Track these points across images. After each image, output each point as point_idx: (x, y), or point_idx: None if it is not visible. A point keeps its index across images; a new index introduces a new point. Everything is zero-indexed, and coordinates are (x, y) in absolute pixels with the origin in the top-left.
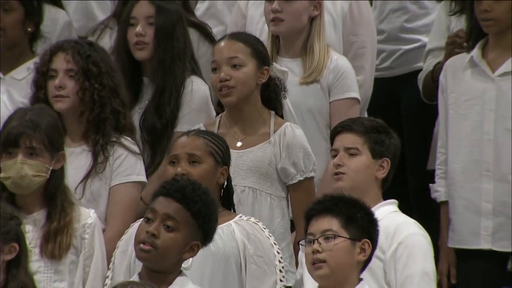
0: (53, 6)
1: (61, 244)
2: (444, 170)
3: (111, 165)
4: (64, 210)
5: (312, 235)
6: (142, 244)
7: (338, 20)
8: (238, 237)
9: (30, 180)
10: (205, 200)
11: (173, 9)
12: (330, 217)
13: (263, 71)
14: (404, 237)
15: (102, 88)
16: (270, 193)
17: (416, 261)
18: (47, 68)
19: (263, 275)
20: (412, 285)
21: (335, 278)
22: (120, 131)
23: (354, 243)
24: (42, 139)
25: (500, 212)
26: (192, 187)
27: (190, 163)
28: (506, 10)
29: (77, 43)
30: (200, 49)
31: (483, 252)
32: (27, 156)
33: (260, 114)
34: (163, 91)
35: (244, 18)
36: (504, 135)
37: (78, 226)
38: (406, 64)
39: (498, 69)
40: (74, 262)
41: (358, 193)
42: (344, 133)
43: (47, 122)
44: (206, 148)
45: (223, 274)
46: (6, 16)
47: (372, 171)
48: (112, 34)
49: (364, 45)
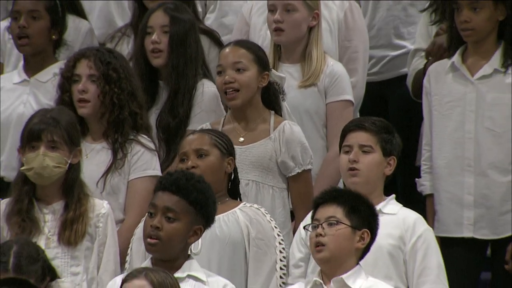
0: (77, 17)
1: (77, 232)
2: (429, 166)
3: (129, 161)
4: (80, 201)
5: (317, 220)
6: (149, 238)
7: (334, 27)
8: (242, 222)
9: (51, 170)
10: (199, 187)
11: (186, 18)
12: (335, 206)
13: (263, 75)
14: (422, 232)
15: (121, 92)
16: (272, 185)
17: (433, 254)
18: (71, 73)
19: (264, 256)
20: (431, 275)
21: (334, 261)
22: (137, 130)
23: (354, 231)
24: (62, 134)
25: (481, 203)
26: (185, 178)
27: (198, 156)
28: (484, 21)
29: (98, 50)
30: (210, 54)
31: (466, 240)
32: (49, 149)
33: (260, 114)
34: (177, 93)
35: (248, 25)
36: (483, 133)
37: (92, 215)
38: (393, 69)
39: (477, 73)
40: (89, 248)
41: (369, 187)
42: (358, 131)
43: (66, 120)
44: (211, 141)
45: (229, 258)
46: (34, 24)
47: (382, 168)
48: (130, 41)
49: (357, 50)
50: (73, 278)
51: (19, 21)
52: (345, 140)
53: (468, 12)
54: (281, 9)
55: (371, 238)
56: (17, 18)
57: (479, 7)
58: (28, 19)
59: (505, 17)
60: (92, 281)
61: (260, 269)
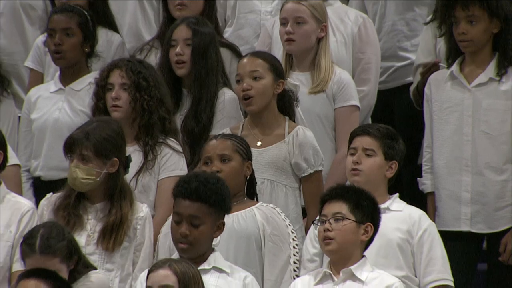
0: (109, 30)
1: (115, 241)
2: (430, 166)
3: (159, 162)
4: (121, 208)
5: (325, 216)
6: (180, 243)
7: (348, 40)
8: (259, 220)
9: (80, 182)
10: (216, 189)
11: (207, 32)
12: (341, 202)
13: (278, 83)
14: (427, 226)
15: (150, 99)
16: (285, 184)
17: (438, 247)
18: (105, 82)
19: (279, 251)
20: (436, 265)
21: (341, 253)
22: (166, 134)
23: (359, 225)
24: (91, 148)
25: (477, 200)
26: (203, 185)
27: (222, 161)
28: (480, 33)
29: (129, 61)
30: (232, 66)
31: (463, 234)
32: (80, 161)
33: (276, 119)
34: (200, 100)
35: (270, 38)
36: (479, 136)
37: (132, 218)
38: (398, 78)
39: (474, 81)
40: (126, 247)
41: (369, 187)
42: (363, 136)
43: (99, 134)
44: (233, 147)
45: (245, 250)
46: (68, 40)
47: (383, 171)
48: (157, 52)
49: (369, 61)
50: (107, 274)
51: (54, 39)
52: (351, 143)
53: (466, 25)
54: (292, 22)
55: (374, 231)
56: (52, 35)
57: (475, 20)
58: (62, 36)
59: (499, 30)
60: (127, 277)
61: (275, 262)
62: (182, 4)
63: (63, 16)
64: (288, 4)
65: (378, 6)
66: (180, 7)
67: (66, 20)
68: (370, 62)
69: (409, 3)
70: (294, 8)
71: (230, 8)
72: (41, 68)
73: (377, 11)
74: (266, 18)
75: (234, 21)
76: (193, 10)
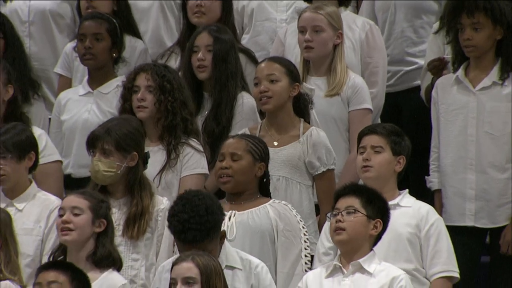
0: (133, 37)
1: (139, 229)
2: (437, 165)
3: (181, 160)
4: (141, 199)
5: (338, 209)
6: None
7: (357, 46)
8: (272, 216)
9: (102, 174)
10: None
11: (227, 38)
12: (354, 197)
13: (294, 86)
14: (434, 220)
15: (174, 101)
16: (299, 182)
17: (444, 240)
18: (131, 84)
19: (291, 245)
20: (442, 258)
21: (351, 244)
22: (188, 134)
23: (369, 220)
24: (112, 143)
25: (481, 197)
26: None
27: (233, 159)
28: (484, 39)
29: (155, 65)
30: (247, 70)
31: (468, 229)
32: (102, 155)
33: (291, 120)
34: (220, 103)
35: (283, 46)
36: (483, 136)
37: (153, 211)
38: (406, 82)
39: (478, 85)
40: (149, 238)
41: (380, 182)
42: (370, 135)
43: (120, 129)
44: (246, 147)
45: (259, 245)
46: (98, 44)
47: (392, 166)
48: (177, 58)
49: (377, 65)
50: (133, 264)
51: (85, 43)
52: (360, 143)
53: (471, 32)
54: (310, 30)
55: (383, 228)
56: (83, 40)
57: (480, 27)
58: (92, 40)
59: (502, 37)
60: (151, 266)
61: (287, 256)
62: (200, 11)
63: (93, 22)
64: (306, 13)
65: (388, 14)
66: (198, 14)
67: (97, 26)
68: (378, 66)
69: (417, 12)
70: (312, 17)
71: (247, 16)
72: (69, 73)
73: (387, 18)
74: (281, 26)
75: (251, 28)
76: (210, 17)
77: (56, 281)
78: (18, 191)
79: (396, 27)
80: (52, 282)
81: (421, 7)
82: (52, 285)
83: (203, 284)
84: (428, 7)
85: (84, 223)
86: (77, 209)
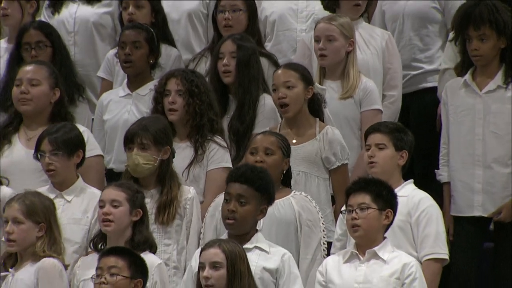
0: (168, 46)
1: (169, 215)
2: (446, 160)
3: (207, 155)
4: (171, 188)
5: (351, 206)
6: (227, 219)
7: (379, 53)
8: (295, 208)
9: (142, 167)
10: (262, 176)
11: (249, 46)
12: (364, 194)
13: (308, 89)
14: (425, 207)
15: (201, 103)
16: (317, 176)
17: (432, 225)
18: (163, 89)
19: (312, 234)
20: (429, 241)
21: (367, 237)
22: (214, 133)
23: (381, 212)
24: (149, 138)
25: (487, 190)
26: (250, 171)
27: (266, 154)
28: (489, 49)
29: (184, 71)
30: (269, 72)
31: (474, 218)
32: (140, 149)
33: (308, 120)
34: (243, 104)
35: (309, 50)
36: (489, 135)
37: (181, 199)
38: (413, 84)
39: (484, 89)
40: (179, 225)
41: (385, 176)
42: (374, 133)
43: (155, 126)
44: (277, 143)
45: (284, 234)
46: (136, 52)
47: (395, 160)
48: (207, 61)
49: (397, 70)
50: (165, 248)
51: (125, 50)
52: (366, 141)
53: (477, 43)
54: (324, 39)
55: (393, 215)
56: (123, 47)
57: (485, 38)
58: (132, 48)
59: (506, 45)
60: (182, 250)
61: (310, 244)
62: (228, 25)
63: (133, 32)
64: (320, 24)
65: (397, 24)
66: (227, 28)
67: (136, 34)
68: (397, 71)
69: (423, 22)
70: (325, 27)
71: (269, 25)
72: (111, 77)
73: (396, 28)
74: (301, 35)
75: (273, 37)
76: (237, 29)
77: (116, 266)
78: (66, 185)
79: (404, 35)
80: (112, 267)
81: (426, 18)
82: (112, 269)
83: (229, 268)
84: (432, 18)
85: (122, 214)
86: (115, 202)
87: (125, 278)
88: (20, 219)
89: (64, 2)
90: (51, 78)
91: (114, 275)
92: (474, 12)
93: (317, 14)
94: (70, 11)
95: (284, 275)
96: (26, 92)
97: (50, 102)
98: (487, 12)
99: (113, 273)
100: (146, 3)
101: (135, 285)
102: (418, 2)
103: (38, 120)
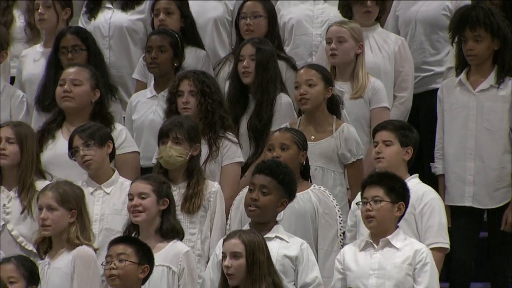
0: (197, 48)
1: (194, 204)
2: (441, 154)
3: (221, 152)
4: (197, 182)
5: (366, 198)
6: (249, 206)
7: (391, 57)
8: (313, 201)
9: (175, 159)
10: (285, 171)
11: (267, 49)
12: (378, 187)
13: (328, 89)
14: (428, 200)
15: (212, 102)
16: (333, 170)
17: (435, 216)
18: (176, 90)
19: (329, 226)
20: (432, 232)
21: (381, 228)
22: (225, 129)
23: (393, 205)
24: (183, 133)
25: (479, 182)
26: (275, 164)
27: (282, 149)
28: (483, 50)
29: (195, 73)
30: (286, 75)
31: (468, 209)
32: (174, 143)
33: (326, 118)
34: (262, 103)
35: None
36: (482, 131)
37: (206, 192)
38: (423, 85)
39: (478, 87)
40: (203, 216)
41: (391, 170)
42: (381, 130)
43: (188, 123)
44: (292, 138)
45: (303, 225)
46: (161, 55)
47: (401, 156)
48: (230, 64)
49: (408, 74)
50: (190, 237)
51: (151, 54)
52: (374, 137)
53: (472, 43)
54: (335, 40)
55: (405, 207)
56: (150, 51)
57: (480, 39)
58: (157, 52)
59: (499, 47)
60: (205, 240)
61: (327, 235)
62: (249, 30)
63: (159, 37)
64: (332, 27)
65: (409, 29)
66: (248, 32)
67: (161, 39)
68: (408, 74)
69: (433, 28)
70: (337, 30)
71: (287, 31)
72: (145, 79)
73: (408, 32)
74: (316, 40)
75: (291, 42)
76: (258, 34)
77: (124, 253)
78: (104, 178)
79: (415, 40)
80: (121, 254)
81: (436, 24)
82: (121, 256)
83: (248, 257)
84: (443, 24)
85: (150, 204)
86: (143, 194)
87: (133, 263)
88: (54, 206)
89: (100, 8)
90: (92, 79)
91: (123, 261)
92: (471, 14)
93: (331, 20)
94: (105, 17)
95: (303, 262)
96: (68, 90)
97: (90, 101)
98: (483, 15)
99: (122, 259)
100: (176, 9)
101: (142, 270)
102: (430, 9)
103: (80, 118)
